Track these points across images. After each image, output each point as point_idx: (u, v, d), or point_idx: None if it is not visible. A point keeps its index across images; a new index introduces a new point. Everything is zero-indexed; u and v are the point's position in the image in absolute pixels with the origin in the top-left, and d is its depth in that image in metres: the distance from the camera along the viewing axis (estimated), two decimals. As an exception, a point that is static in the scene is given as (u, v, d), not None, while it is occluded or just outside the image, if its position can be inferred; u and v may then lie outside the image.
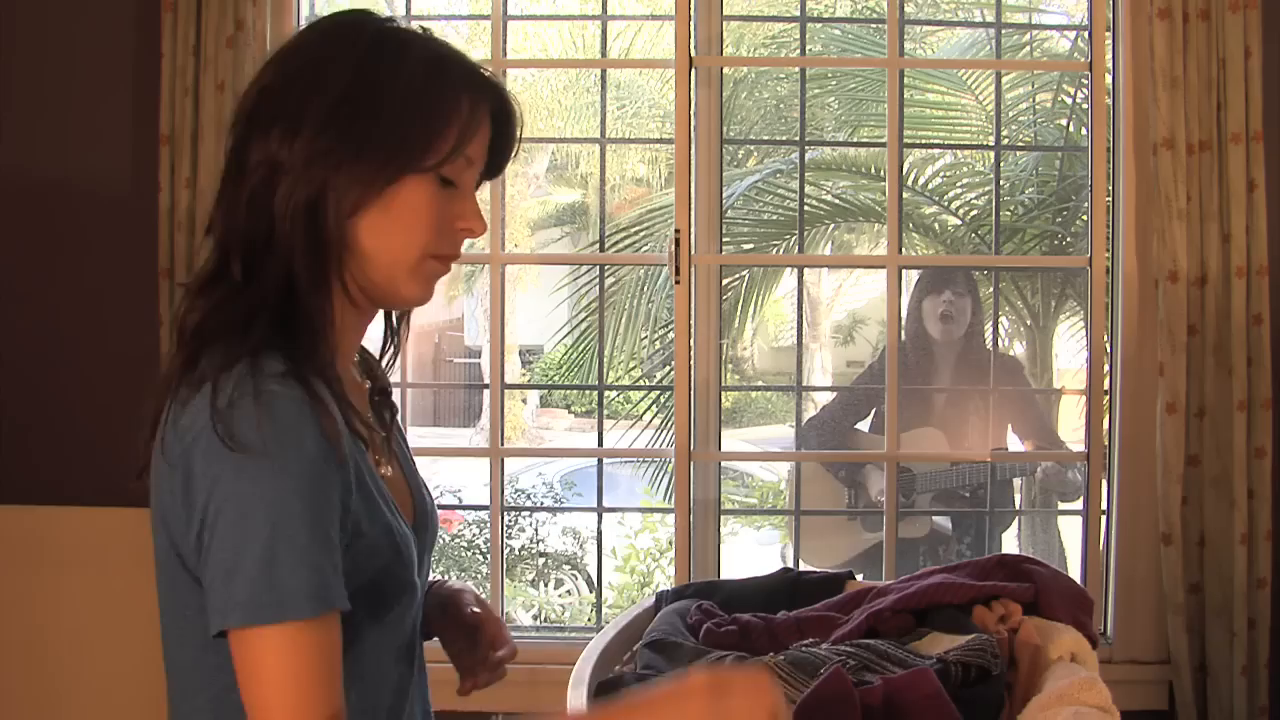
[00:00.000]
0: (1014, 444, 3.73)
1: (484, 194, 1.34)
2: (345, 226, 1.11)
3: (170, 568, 1.11)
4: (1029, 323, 5.67)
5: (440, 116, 1.13)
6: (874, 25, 5.76)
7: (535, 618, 6.51)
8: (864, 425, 3.70)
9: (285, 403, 1.04)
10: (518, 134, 1.22)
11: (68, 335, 2.84)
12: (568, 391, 10.66)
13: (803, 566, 3.09)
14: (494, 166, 1.22)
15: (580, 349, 6.48)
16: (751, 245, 5.63)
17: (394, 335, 1.29)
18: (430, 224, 1.14)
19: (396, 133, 1.11)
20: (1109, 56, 2.84)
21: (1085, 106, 3.52)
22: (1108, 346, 2.89)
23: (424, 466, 1.37)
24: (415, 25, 1.20)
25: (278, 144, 1.10)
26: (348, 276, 1.14)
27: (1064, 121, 5.52)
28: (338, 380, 1.12)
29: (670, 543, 4.50)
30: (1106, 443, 2.86)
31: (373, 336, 1.29)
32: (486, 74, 1.18)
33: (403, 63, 1.13)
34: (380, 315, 1.26)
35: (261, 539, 1.01)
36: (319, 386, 1.07)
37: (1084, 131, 3.90)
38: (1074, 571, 3.23)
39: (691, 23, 2.83)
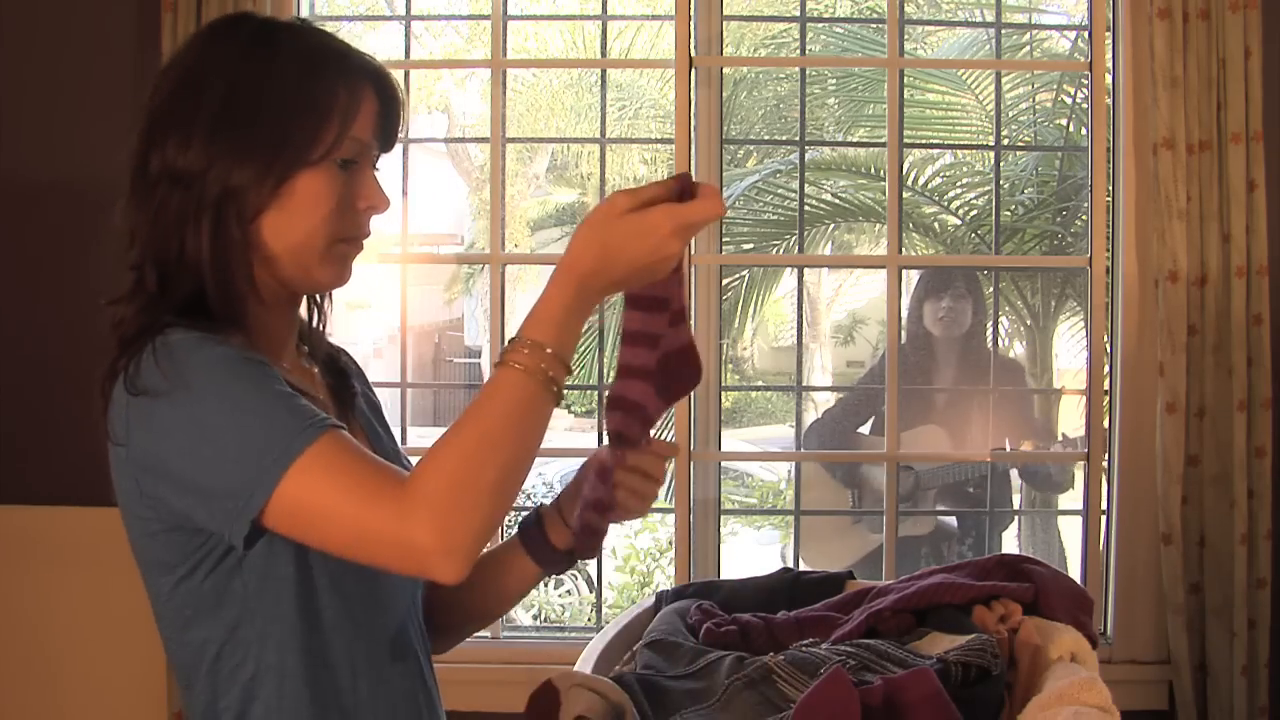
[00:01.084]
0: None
1: (484, 194, 1.35)
2: (249, 230, 1.14)
3: (146, 557, 1.15)
4: (1029, 323, 5.67)
5: (317, 109, 1.14)
6: (874, 25, 5.77)
7: (535, 618, 6.50)
8: (865, 428, 3.70)
9: (178, 338, 1.09)
10: (402, 108, 1.23)
11: (67, 335, 2.83)
12: (567, 391, 10.66)
13: (802, 567, 3.09)
14: (385, 142, 1.23)
15: (580, 349, 6.47)
16: (751, 245, 5.63)
17: (318, 309, 1.31)
18: (331, 211, 1.16)
19: (277, 132, 1.13)
20: (1109, 56, 2.84)
21: (1085, 106, 3.52)
22: (1108, 346, 2.89)
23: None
24: (294, 18, 1.24)
25: (174, 154, 1.13)
26: (258, 277, 1.17)
27: (1064, 121, 5.52)
28: (254, 350, 1.15)
29: (670, 543, 4.50)
30: (1106, 443, 2.86)
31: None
32: (360, 57, 1.19)
33: (274, 62, 1.15)
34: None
35: (230, 431, 1.05)
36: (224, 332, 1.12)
37: (1084, 131, 3.90)
38: (1074, 571, 3.23)
39: (691, 23, 2.83)
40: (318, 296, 1.29)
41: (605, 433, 1.18)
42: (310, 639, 1.14)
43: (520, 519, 1.34)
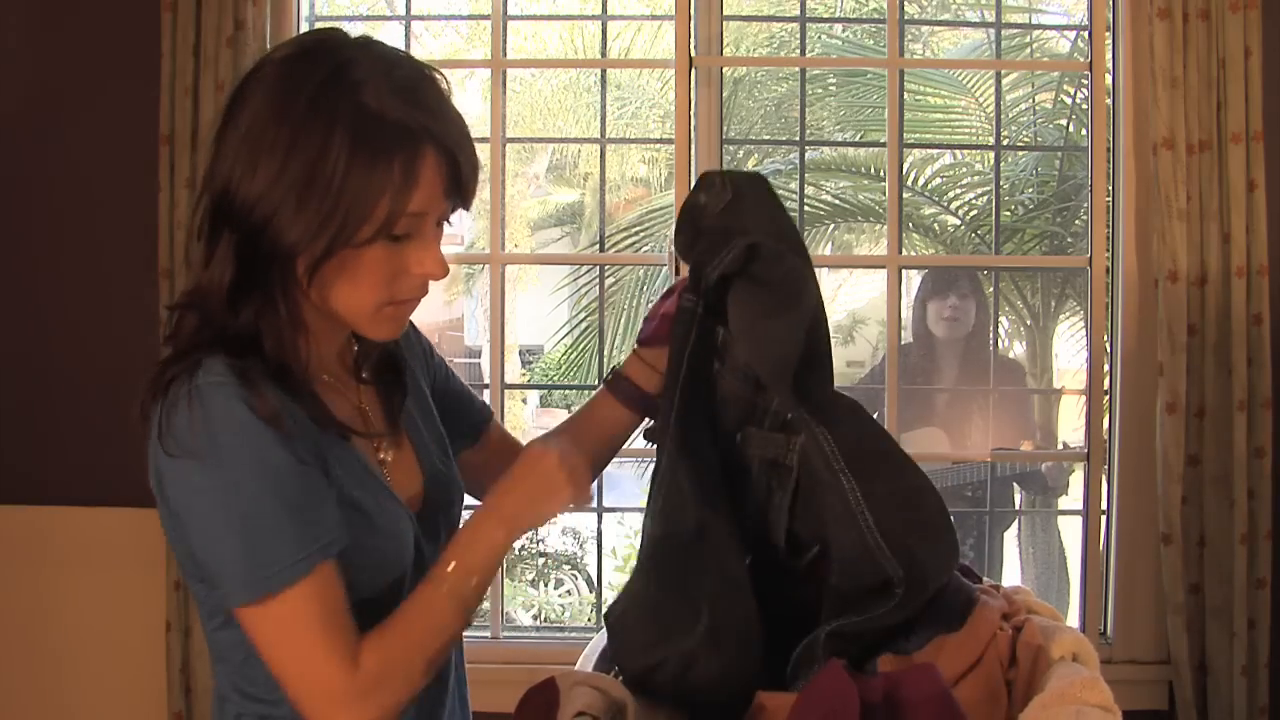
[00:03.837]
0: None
1: (484, 194, 1.34)
2: (306, 282, 1.12)
3: (181, 560, 1.19)
4: (1029, 323, 5.68)
5: (364, 196, 1.08)
6: (874, 25, 5.77)
7: (535, 618, 6.51)
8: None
9: (212, 392, 1.08)
10: (473, 163, 1.17)
11: (68, 335, 2.84)
12: (568, 391, 10.66)
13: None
14: (460, 198, 1.16)
15: (580, 349, 6.49)
16: (752, 245, 5.62)
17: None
18: (378, 283, 1.13)
19: (323, 212, 1.08)
20: (1109, 56, 2.84)
21: (1085, 107, 3.52)
22: (1108, 346, 2.89)
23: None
24: (400, 52, 1.17)
25: (240, 173, 1.10)
26: (310, 323, 1.17)
27: (1064, 122, 5.52)
28: (302, 381, 1.15)
29: (670, 543, 4.49)
30: (1106, 442, 2.86)
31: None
32: (426, 119, 1.11)
33: (330, 136, 1.07)
34: None
35: (234, 528, 1.07)
36: (258, 378, 1.10)
37: (1084, 132, 3.90)
38: (1074, 571, 3.23)
39: (691, 23, 2.83)
40: None
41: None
42: None
43: (603, 379, 1.46)
